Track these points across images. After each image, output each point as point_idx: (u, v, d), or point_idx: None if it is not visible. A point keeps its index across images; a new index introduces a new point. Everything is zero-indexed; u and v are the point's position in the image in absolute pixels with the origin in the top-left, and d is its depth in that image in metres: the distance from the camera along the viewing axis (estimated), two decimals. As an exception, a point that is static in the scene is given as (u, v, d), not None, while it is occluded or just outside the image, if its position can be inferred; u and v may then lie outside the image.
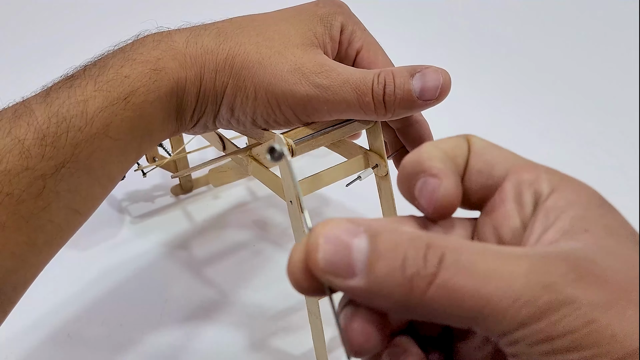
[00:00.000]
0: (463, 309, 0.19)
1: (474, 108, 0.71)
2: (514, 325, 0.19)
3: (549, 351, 0.19)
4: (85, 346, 0.46)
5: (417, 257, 0.19)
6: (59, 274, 0.50)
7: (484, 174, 0.24)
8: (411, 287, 0.19)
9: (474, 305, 0.19)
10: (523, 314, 0.18)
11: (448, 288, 0.19)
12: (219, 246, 0.54)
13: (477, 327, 0.19)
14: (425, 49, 0.84)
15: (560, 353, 0.19)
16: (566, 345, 0.19)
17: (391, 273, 0.19)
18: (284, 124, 0.38)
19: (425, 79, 0.35)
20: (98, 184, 0.34)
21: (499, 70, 0.79)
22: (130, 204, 0.59)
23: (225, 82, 0.36)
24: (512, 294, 0.19)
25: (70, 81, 0.33)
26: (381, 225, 0.20)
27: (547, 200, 0.22)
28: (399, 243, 0.19)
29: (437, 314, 0.19)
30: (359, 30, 0.40)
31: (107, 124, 0.32)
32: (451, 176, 0.23)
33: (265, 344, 0.45)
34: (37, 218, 0.31)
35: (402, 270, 0.19)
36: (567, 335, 0.18)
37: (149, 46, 0.35)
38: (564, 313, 0.18)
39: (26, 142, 0.30)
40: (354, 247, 0.19)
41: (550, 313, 0.18)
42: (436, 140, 0.24)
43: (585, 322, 0.18)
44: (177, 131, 0.38)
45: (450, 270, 0.19)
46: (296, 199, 0.38)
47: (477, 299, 0.19)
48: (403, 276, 0.19)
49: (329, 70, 0.36)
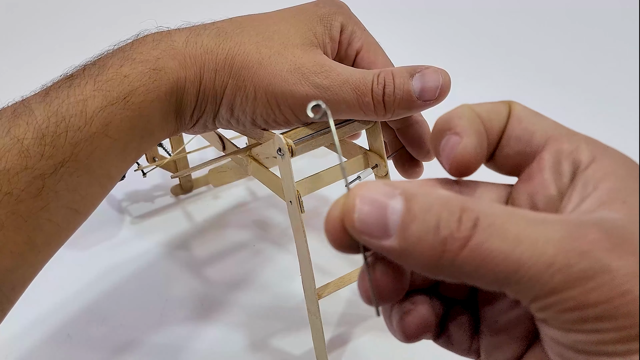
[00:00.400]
0: (495, 272, 0.19)
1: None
2: (546, 291, 0.19)
3: (580, 319, 0.19)
4: (85, 346, 0.46)
5: (451, 219, 0.19)
6: (59, 274, 0.50)
7: (523, 141, 0.24)
8: (444, 249, 0.19)
9: (506, 269, 0.19)
10: (556, 280, 0.18)
11: (481, 251, 0.19)
12: (219, 246, 0.54)
13: (509, 290, 0.19)
14: (425, 48, 0.84)
15: (591, 322, 0.19)
16: (598, 314, 0.18)
17: (424, 235, 0.19)
18: (283, 124, 0.38)
19: (425, 80, 0.35)
20: (97, 184, 0.34)
21: (499, 70, 0.79)
22: (130, 204, 0.59)
23: (224, 82, 0.36)
24: (547, 259, 0.19)
25: (70, 80, 0.33)
26: (417, 187, 0.21)
27: (586, 170, 0.22)
28: (433, 205, 0.20)
29: (469, 276, 0.19)
30: (359, 30, 0.40)
31: (107, 123, 0.32)
32: (473, 135, 0.23)
33: (265, 344, 0.45)
34: (36, 217, 0.31)
35: (435, 232, 0.19)
36: (601, 304, 0.18)
37: (149, 46, 0.35)
38: (598, 282, 0.18)
39: (25, 142, 0.30)
40: (389, 209, 0.20)
41: (584, 281, 0.18)
42: (475, 103, 0.24)
43: (621, 292, 0.18)
44: (177, 131, 0.38)
45: (484, 233, 0.19)
46: (296, 199, 0.38)
47: (510, 263, 0.19)
48: (436, 238, 0.19)
49: (328, 70, 0.36)
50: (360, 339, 0.45)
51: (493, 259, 0.19)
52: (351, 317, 0.47)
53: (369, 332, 0.46)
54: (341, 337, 0.46)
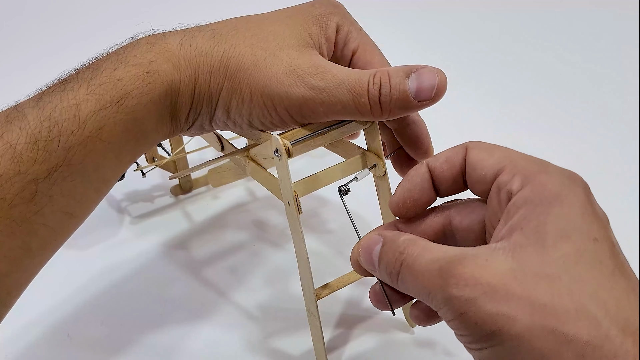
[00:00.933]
0: (414, 290, 0.29)
1: (470, 107, 0.71)
2: (439, 306, 0.27)
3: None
4: (85, 346, 0.46)
5: (394, 260, 0.30)
6: (57, 274, 0.50)
7: (478, 178, 0.31)
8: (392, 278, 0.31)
9: (418, 289, 0.29)
10: (434, 305, 0.28)
11: (405, 278, 0.30)
12: (219, 246, 0.54)
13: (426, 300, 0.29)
14: (421, 48, 0.83)
15: (451, 323, 0.28)
16: (453, 322, 0.27)
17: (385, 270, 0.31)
18: (280, 126, 0.38)
19: (421, 79, 0.34)
20: (92, 187, 0.34)
21: (496, 70, 0.79)
22: (130, 204, 0.59)
23: (220, 84, 0.36)
24: (430, 289, 0.28)
25: (63, 85, 0.33)
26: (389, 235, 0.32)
27: (513, 198, 0.28)
28: (387, 251, 0.31)
29: (406, 289, 0.30)
30: (355, 30, 0.39)
31: (100, 127, 0.32)
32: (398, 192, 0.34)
33: (264, 345, 0.45)
34: (30, 222, 0.31)
35: (389, 268, 0.31)
36: (448, 311, 0.27)
37: (143, 48, 0.34)
38: (447, 306, 0.27)
39: (18, 147, 0.30)
40: (373, 254, 0.32)
41: (443, 306, 0.27)
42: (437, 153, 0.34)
43: (459, 313, 0.26)
44: (173, 133, 0.38)
45: (404, 269, 0.30)
46: (294, 200, 0.38)
47: (419, 287, 0.29)
48: (388, 272, 0.31)
49: (324, 71, 0.35)
50: (360, 340, 0.45)
51: (411, 283, 0.29)
52: (350, 318, 0.47)
53: (368, 332, 0.46)
54: (340, 337, 0.46)
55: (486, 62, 0.81)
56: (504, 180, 0.29)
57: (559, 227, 0.26)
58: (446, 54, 0.82)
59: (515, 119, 0.69)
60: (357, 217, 0.40)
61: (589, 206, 0.28)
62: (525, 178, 0.28)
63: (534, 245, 0.26)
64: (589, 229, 0.27)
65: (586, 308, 0.25)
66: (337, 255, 0.52)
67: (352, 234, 0.36)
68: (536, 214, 0.27)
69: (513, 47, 0.83)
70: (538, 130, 0.67)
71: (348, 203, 0.38)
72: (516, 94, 0.73)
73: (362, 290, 0.48)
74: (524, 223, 0.27)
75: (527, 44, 0.84)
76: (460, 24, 0.90)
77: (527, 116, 0.69)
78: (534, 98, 0.72)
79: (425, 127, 0.41)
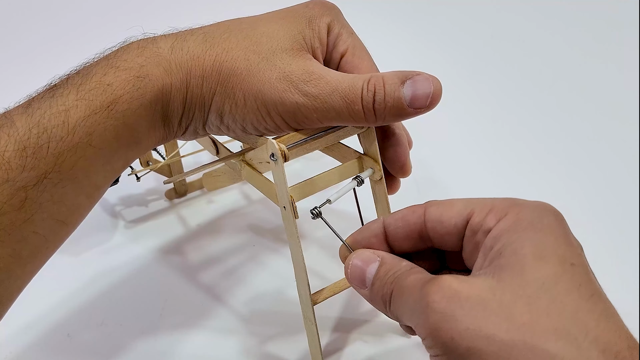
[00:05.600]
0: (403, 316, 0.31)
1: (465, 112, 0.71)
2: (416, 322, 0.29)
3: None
4: (83, 348, 0.45)
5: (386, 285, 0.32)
6: (50, 279, 0.49)
7: (450, 232, 0.32)
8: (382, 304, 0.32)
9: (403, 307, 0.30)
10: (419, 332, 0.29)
11: (395, 305, 0.31)
12: (214, 250, 0.53)
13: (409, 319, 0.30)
14: (417, 51, 0.83)
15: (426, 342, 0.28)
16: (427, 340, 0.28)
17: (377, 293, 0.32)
18: (274, 131, 0.37)
19: (416, 87, 0.34)
20: (84, 194, 0.33)
21: (494, 73, 0.79)
22: (124, 208, 0.58)
23: (212, 89, 0.35)
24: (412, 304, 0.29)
25: (53, 91, 0.32)
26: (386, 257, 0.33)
27: (489, 234, 0.29)
28: (384, 276, 0.32)
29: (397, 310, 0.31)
30: (346, 33, 0.39)
31: (90, 133, 0.32)
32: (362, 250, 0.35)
33: (260, 350, 0.45)
34: (20, 230, 0.31)
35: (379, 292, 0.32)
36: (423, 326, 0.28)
37: (133, 53, 0.34)
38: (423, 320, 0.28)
39: (6, 154, 0.30)
40: (367, 271, 0.33)
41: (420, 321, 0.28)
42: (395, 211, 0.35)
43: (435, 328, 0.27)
44: (167, 138, 0.37)
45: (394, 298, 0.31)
46: (290, 204, 0.38)
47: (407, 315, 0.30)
48: (380, 296, 0.32)
49: (317, 78, 0.35)
50: (357, 344, 0.45)
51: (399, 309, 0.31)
52: (347, 322, 0.47)
53: (365, 336, 0.45)
54: (337, 341, 0.45)
55: (484, 62, 0.80)
56: (477, 222, 0.30)
57: (536, 250, 0.27)
58: (444, 54, 0.82)
59: (511, 122, 0.68)
60: (352, 222, 0.39)
61: (563, 233, 0.28)
62: (498, 213, 0.29)
63: (513, 267, 0.27)
64: (565, 254, 0.27)
65: (566, 328, 0.25)
66: (334, 260, 0.51)
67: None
68: (513, 239, 0.28)
69: (511, 50, 0.83)
70: (535, 132, 0.66)
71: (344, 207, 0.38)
72: (513, 97, 0.73)
73: (359, 294, 0.48)
74: (502, 249, 0.28)
75: (526, 46, 0.83)
76: (460, 23, 0.89)
77: (522, 119, 0.69)
78: (533, 101, 0.72)
79: (405, 142, 0.41)
